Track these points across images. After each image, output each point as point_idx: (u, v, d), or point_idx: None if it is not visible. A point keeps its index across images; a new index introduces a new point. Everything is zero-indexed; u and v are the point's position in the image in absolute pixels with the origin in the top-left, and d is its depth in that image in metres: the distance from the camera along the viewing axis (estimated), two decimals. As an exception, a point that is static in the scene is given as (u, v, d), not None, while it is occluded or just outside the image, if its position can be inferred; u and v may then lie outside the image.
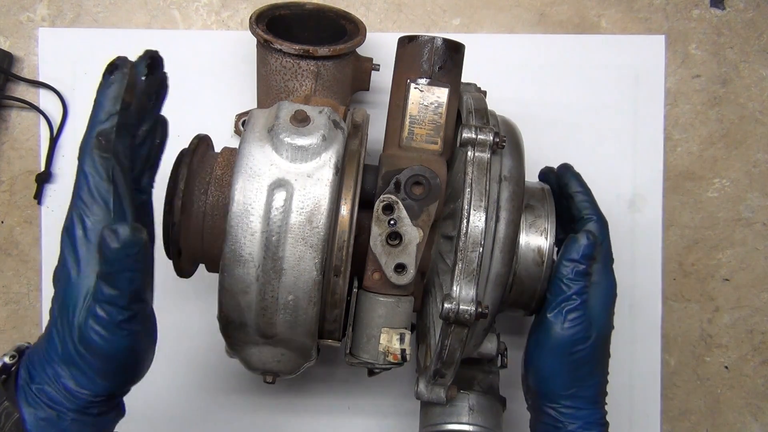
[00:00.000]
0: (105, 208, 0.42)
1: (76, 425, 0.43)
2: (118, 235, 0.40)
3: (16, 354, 0.46)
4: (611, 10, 0.75)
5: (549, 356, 0.56)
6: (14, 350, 0.47)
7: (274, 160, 0.49)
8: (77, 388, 0.43)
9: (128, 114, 0.44)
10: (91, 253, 0.42)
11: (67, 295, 0.43)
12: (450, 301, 0.51)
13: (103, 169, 0.42)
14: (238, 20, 0.75)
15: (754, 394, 0.76)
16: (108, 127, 0.43)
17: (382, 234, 0.52)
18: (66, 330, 0.42)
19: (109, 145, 0.42)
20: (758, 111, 0.75)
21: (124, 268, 0.40)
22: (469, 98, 0.59)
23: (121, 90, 0.44)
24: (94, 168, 0.42)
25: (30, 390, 0.43)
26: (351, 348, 0.55)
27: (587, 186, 0.61)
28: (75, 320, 0.42)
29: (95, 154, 0.42)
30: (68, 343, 0.42)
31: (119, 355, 0.43)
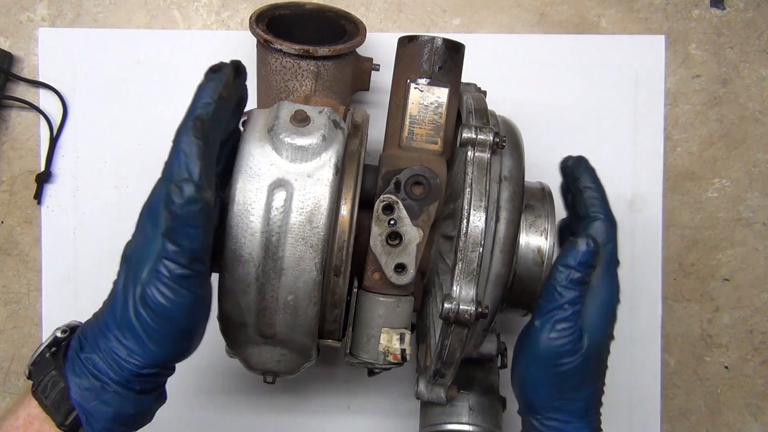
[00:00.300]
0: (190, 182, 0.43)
1: (117, 399, 0.44)
2: (182, 190, 0.42)
3: (68, 329, 0.48)
4: (611, 10, 0.75)
5: (532, 365, 0.53)
6: (66, 326, 0.49)
7: (274, 160, 0.49)
8: (126, 356, 0.44)
9: (222, 110, 0.47)
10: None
11: (137, 258, 0.44)
12: (450, 301, 0.51)
13: (196, 148, 0.44)
14: (238, 20, 0.75)
15: (754, 394, 0.76)
16: (204, 113, 0.45)
17: (382, 234, 0.52)
18: (130, 290, 0.44)
19: (204, 130, 0.45)
20: (758, 111, 0.75)
21: (185, 224, 0.42)
22: (469, 98, 0.59)
23: (219, 86, 0.46)
24: (189, 146, 0.44)
25: (78, 359, 0.45)
26: (351, 348, 0.55)
27: (600, 182, 0.58)
28: (139, 279, 0.43)
29: (191, 135, 0.44)
30: (129, 304, 0.44)
31: (175, 317, 0.44)
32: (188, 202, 0.42)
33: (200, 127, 0.44)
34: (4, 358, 0.74)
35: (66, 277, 0.74)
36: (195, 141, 0.44)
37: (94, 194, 0.74)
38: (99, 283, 0.73)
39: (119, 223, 0.74)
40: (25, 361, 0.74)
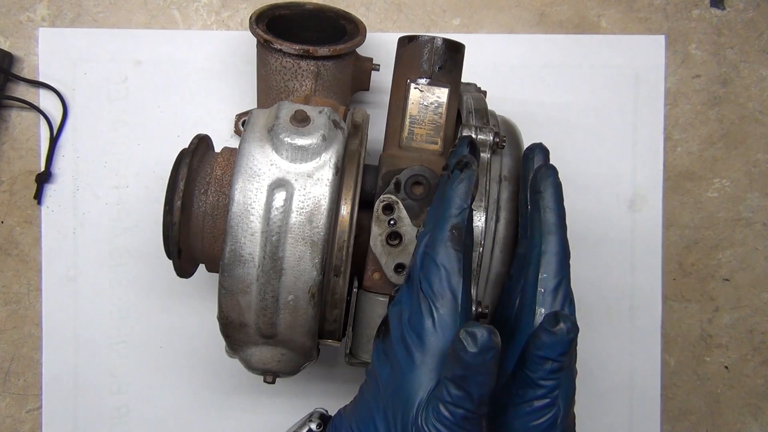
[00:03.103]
0: (454, 302, 0.42)
1: None
2: (476, 338, 0.39)
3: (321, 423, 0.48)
4: (611, 10, 0.75)
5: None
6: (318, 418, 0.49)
7: (274, 160, 0.49)
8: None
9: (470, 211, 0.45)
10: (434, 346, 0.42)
11: (396, 387, 0.42)
12: (450, 301, 0.51)
13: (456, 262, 0.42)
14: (238, 20, 0.75)
15: (754, 394, 0.76)
16: (460, 221, 0.43)
17: (382, 234, 0.52)
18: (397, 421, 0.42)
19: (461, 238, 0.43)
20: (758, 111, 0.75)
21: (477, 372, 0.39)
22: (469, 98, 0.59)
23: (470, 186, 0.44)
24: (449, 261, 0.42)
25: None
26: (351, 348, 0.55)
27: (562, 202, 0.52)
28: (410, 415, 0.41)
29: (449, 247, 0.42)
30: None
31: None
32: (482, 351, 0.38)
33: (458, 239, 0.42)
34: (4, 358, 0.74)
35: (66, 277, 0.74)
36: (455, 254, 0.42)
37: (94, 194, 0.74)
38: (99, 283, 0.74)
39: (119, 223, 0.74)
40: (25, 361, 0.74)
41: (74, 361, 0.73)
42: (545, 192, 0.51)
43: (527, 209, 0.52)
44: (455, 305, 0.40)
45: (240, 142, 0.50)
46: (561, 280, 0.48)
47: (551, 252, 0.49)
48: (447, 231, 0.43)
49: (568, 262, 0.49)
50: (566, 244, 0.50)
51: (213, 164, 0.55)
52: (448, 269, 0.42)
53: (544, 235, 0.49)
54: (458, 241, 0.43)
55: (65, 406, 0.73)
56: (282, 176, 0.49)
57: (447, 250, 0.42)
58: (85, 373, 0.73)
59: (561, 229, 0.50)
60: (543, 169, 0.52)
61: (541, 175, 0.51)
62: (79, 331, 0.73)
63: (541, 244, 0.49)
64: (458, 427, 0.40)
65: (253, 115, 0.53)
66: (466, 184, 0.44)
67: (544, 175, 0.51)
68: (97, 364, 0.73)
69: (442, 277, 0.42)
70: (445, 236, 0.43)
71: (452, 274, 0.42)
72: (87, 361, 0.73)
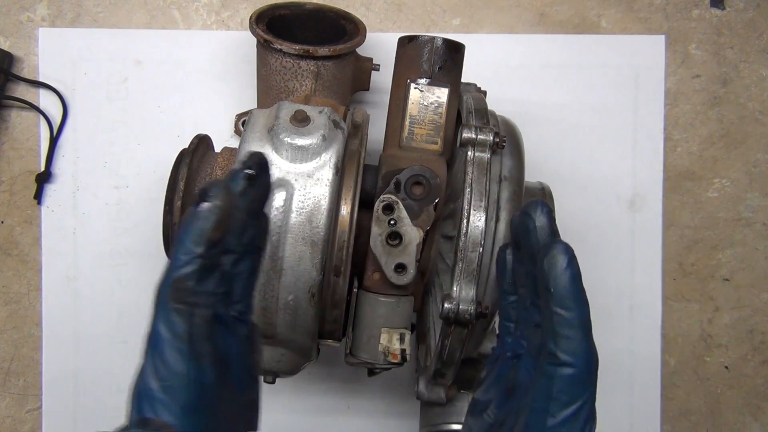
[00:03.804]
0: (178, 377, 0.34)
1: None
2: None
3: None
4: (611, 10, 0.75)
5: None
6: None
7: (274, 160, 0.49)
8: None
9: (216, 251, 0.36)
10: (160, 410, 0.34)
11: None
12: (450, 301, 0.51)
13: (178, 326, 0.34)
14: (238, 20, 0.75)
15: (754, 394, 0.76)
16: (188, 273, 0.35)
17: (382, 234, 0.52)
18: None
19: (187, 294, 0.35)
20: (758, 111, 0.75)
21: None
22: (469, 98, 0.59)
23: (206, 226, 0.35)
24: (167, 325, 0.34)
25: None
26: (351, 348, 0.55)
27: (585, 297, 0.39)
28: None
29: (170, 308, 0.35)
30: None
31: None
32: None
33: (182, 296, 0.35)
34: (4, 358, 0.74)
35: (66, 277, 0.74)
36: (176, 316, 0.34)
37: (94, 194, 0.74)
38: (99, 283, 0.74)
39: (119, 223, 0.74)
40: (25, 361, 0.74)
41: (74, 361, 0.73)
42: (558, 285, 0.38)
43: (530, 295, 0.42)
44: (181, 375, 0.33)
45: (240, 142, 0.50)
46: (582, 405, 0.38)
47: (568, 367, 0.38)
48: (168, 286, 0.35)
49: (594, 379, 0.39)
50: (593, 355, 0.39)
51: (213, 164, 0.55)
52: (167, 335, 0.34)
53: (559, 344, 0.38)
54: (183, 298, 0.35)
55: (65, 406, 0.73)
56: (282, 176, 0.49)
57: (167, 311, 0.34)
58: (85, 373, 0.73)
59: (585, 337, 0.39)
60: (550, 254, 0.38)
61: (548, 262, 0.38)
62: (79, 331, 0.73)
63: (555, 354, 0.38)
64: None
65: (253, 115, 0.53)
66: (201, 224, 0.35)
67: (552, 262, 0.38)
68: (97, 364, 0.73)
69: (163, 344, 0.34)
70: (166, 294, 0.35)
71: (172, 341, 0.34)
72: (87, 361, 0.73)
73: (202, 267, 0.35)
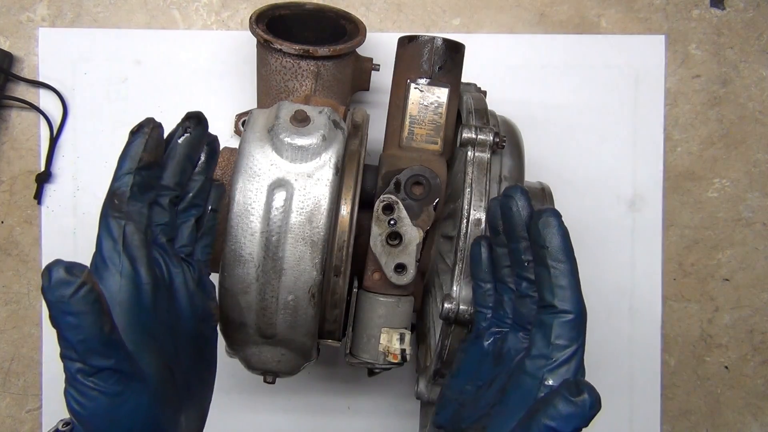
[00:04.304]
0: (116, 274, 0.40)
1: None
2: (51, 274, 0.35)
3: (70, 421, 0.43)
4: (611, 10, 0.75)
5: None
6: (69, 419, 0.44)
7: (274, 160, 0.49)
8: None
9: (150, 174, 0.43)
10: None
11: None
12: (450, 301, 0.51)
13: (115, 230, 0.41)
14: (238, 20, 0.75)
15: (754, 394, 0.76)
16: (122, 186, 0.42)
17: (382, 234, 0.52)
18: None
19: (122, 205, 0.41)
20: (758, 111, 0.75)
21: (62, 311, 0.36)
22: (469, 98, 0.59)
23: (139, 149, 0.43)
24: (107, 230, 0.41)
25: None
26: (351, 348, 0.55)
27: (573, 252, 0.43)
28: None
29: (109, 216, 0.41)
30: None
31: (97, 425, 0.38)
32: (58, 285, 0.35)
33: (117, 206, 0.41)
34: (4, 358, 0.74)
35: (66, 277, 0.73)
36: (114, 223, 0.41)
37: (94, 194, 0.74)
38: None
39: (119, 223, 0.73)
40: (25, 361, 0.74)
41: (74, 361, 0.73)
42: (553, 242, 0.42)
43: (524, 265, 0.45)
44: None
45: (240, 142, 0.50)
46: (577, 349, 0.42)
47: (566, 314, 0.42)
48: (108, 198, 0.41)
49: (585, 327, 0.42)
50: (583, 305, 0.42)
51: (213, 164, 0.55)
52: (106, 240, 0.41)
53: (556, 296, 0.42)
54: (118, 208, 0.41)
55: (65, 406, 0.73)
56: (282, 176, 0.49)
57: (107, 219, 0.41)
58: (85, 373, 0.73)
59: (577, 288, 0.42)
60: (544, 217, 0.43)
61: (542, 223, 0.43)
62: (79, 331, 0.73)
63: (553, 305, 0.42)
64: (82, 384, 0.37)
65: (253, 115, 0.53)
66: (135, 146, 0.43)
67: (545, 223, 0.43)
68: (97, 364, 0.73)
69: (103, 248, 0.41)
70: (107, 203, 0.41)
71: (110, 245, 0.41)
72: (87, 361, 0.73)
73: (135, 183, 0.42)
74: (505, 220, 0.46)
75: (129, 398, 0.38)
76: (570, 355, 0.42)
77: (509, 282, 0.47)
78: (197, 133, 0.46)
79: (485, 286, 0.49)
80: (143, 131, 0.44)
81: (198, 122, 0.46)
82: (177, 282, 0.45)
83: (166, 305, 0.43)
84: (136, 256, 0.41)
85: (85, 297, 0.36)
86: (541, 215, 0.43)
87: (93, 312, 0.36)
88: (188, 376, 0.45)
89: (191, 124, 0.46)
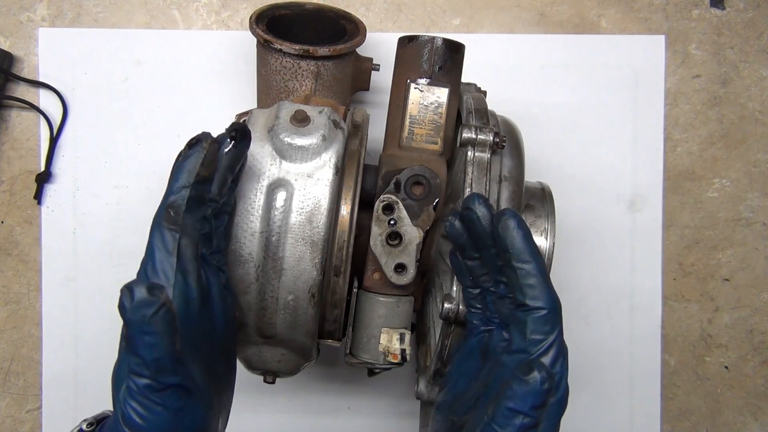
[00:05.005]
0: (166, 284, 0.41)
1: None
2: (132, 293, 0.37)
3: (95, 422, 0.46)
4: (611, 10, 0.75)
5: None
6: (94, 418, 0.46)
7: (275, 160, 0.49)
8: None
9: (203, 188, 0.44)
10: None
11: (116, 375, 0.41)
12: (450, 301, 0.51)
13: (169, 243, 0.41)
14: (238, 20, 0.75)
15: (754, 394, 0.76)
16: (178, 200, 0.42)
17: (382, 234, 0.52)
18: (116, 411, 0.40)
19: (178, 218, 0.42)
20: (758, 111, 0.75)
21: (141, 331, 0.37)
22: (469, 98, 0.59)
23: (197, 164, 0.43)
24: (162, 241, 0.41)
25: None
26: (351, 348, 0.55)
27: (537, 249, 0.45)
28: (119, 399, 0.39)
29: (164, 227, 0.41)
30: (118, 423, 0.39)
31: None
32: (140, 306, 0.36)
33: (173, 218, 0.42)
34: (4, 358, 0.74)
35: (66, 277, 0.74)
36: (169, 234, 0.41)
37: (94, 194, 0.74)
38: (99, 283, 0.74)
39: (119, 223, 0.74)
40: (25, 361, 0.74)
41: (74, 361, 0.73)
42: (514, 244, 0.44)
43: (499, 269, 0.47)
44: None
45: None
46: (553, 340, 0.43)
47: (539, 311, 0.44)
48: (164, 210, 0.42)
49: (561, 314, 0.44)
50: (555, 296, 0.44)
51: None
52: (160, 250, 0.41)
53: (526, 294, 0.44)
54: (174, 221, 0.41)
55: (65, 406, 0.73)
56: (282, 176, 0.49)
57: (161, 230, 0.41)
58: (85, 373, 0.73)
59: (545, 283, 0.44)
60: (503, 220, 0.45)
61: (501, 227, 0.45)
62: (79, 331, 0.73)
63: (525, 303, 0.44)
64: (148, 399, 0.38)
65: (253, 115, 0.53)
66: (192, 161, 0.43)
67: (504, 226, 0.45)
68: (97, 364, 0.73)
69: (155, 258, 0.41)
70: (161, 216, 0.42)
71: (164, 255, 0.41)
72: (87, 361, 0.73)
73: (191, 197, 0.42)
74: (471, 231, 0.47)
75: (189, 412, 0.40)
76: (546, 347, 0.43)
77: (489, 286, 0.49)
78: (242, 146, 0.46)
79: (473, 291, 0.50)
80: (201, 146, 0.44)
81: (243, 136, 0.46)
82: (213, 291, 0.45)
83: (205, 315, 0.44)
84: (188, 269, 0.42)
85: (164, 317, 0.37)
86: (500, 218, 0.45)
87: (169, 332, 0.37)
88: (222, 380, 0.46)
89: (237, 137, 0.46)
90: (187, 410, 0.40)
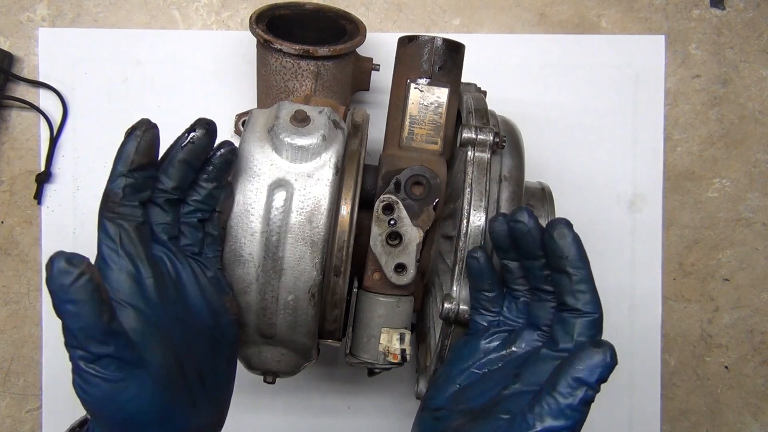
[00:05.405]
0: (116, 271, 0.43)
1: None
2: (53, 264, 0.38)
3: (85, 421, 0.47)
4: (611, 10, 0.75)
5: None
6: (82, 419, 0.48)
7: (274, 160, 0.49)
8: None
9: (142, 175, 0.44)
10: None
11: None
12: (450, 301, 0.51)
13: (110, 229, 0.43)
14: (238, 20, 0.75)
15: (754, 394, 0.76)
16: (114, 188, 0.43)
17: (382, 234, 0.52)
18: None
19: (116, 206, 0.43)
20: (758, 111, 0.75)
21: (63, 300, 0.38)
22: (469, 98, 0.59)
23: (131, 151, 0.44)
24: (103, 229, 0.43)
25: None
26: (351, 348, 0.55)
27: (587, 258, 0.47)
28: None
29: (104, 216, 0.43)
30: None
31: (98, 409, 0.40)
32: (59, 275, 0.37)
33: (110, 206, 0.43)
34: (4, 358, 0.74)
35: (66, 277, 0.74)
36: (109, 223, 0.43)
37: (94, 194, 0.74)
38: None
39: (119, 223, 0.73)
40: (25, 361, 0.74)
41: (74, 361, 0.73)
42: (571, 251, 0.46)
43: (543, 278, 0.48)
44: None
45: (240, 142, 0.50)
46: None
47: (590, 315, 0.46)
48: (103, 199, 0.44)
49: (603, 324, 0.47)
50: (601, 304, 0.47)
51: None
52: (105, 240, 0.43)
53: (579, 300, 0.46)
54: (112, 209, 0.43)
55: (65, 406, 0.73)
56: (282, 176, 0.49)
57: (102, 220, 0.43)
58: (85, 373, 0.73)
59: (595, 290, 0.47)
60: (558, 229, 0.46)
61: (557, 235, 0.46)
62: (79, 331, 0.73)
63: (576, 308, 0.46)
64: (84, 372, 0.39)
65: (253, 115, 0.53)
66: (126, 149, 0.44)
67: (561, 234, 0.46)
68: (97, 364, 0.73)
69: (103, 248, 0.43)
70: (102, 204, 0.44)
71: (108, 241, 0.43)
72: (87, 361, 0.73)
73: (127, 185, 0.43)
74: (519, 242, 0.48)
75: (130, 384, 0.40)
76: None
77: (522, 290, 0.50)
78: (201, 143, 0.46)
79: (489, 294, 0.51)
80: (135, 134, 0.44)
81: (205, 131, 0.46)
82: (184, 277, 0.46)
83: (174, 299, 0.45)
84: (133, 253, 0.43)
85: (84, 286, 0.38)
86: (555, 227, 0.46)
87: (92, 301, 0.38)
88: (201, 367, 0.46)
89: (198, 133, 0.46)
90: (128, 382, 0.40)
